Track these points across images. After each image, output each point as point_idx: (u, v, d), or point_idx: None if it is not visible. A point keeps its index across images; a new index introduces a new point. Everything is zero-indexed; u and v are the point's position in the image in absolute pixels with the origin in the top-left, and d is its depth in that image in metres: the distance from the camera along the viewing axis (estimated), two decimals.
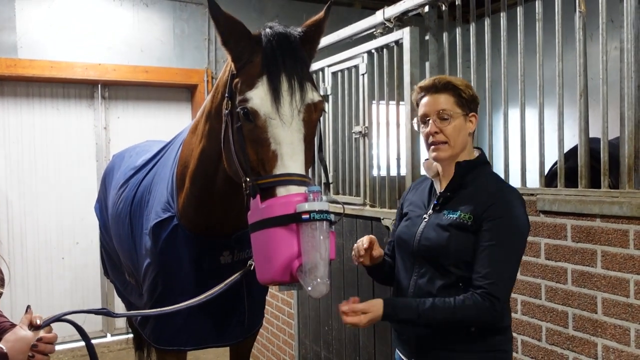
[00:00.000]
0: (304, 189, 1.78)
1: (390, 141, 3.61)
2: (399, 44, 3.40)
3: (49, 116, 5.89)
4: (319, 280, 1.66)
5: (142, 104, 6.33)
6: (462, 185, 2.06)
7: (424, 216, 2.11)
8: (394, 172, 3.58)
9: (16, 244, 5.74)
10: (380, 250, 2.19)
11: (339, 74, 4.06)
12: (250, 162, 1.92)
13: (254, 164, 1.91)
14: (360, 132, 3.77)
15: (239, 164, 1.97)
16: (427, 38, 3.33)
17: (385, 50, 3.56)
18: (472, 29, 3.11)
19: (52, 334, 1.73)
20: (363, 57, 3.73)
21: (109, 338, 6.08)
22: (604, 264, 2.32)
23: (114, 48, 5.89)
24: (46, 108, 5.88)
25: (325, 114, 3.93)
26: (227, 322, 2.68)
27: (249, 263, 2.16)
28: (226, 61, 2.14)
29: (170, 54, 6.14)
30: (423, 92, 2.13)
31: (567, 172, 2.66)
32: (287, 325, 4.76)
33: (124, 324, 5.83)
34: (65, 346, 5.57)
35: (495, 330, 2.04)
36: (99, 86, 6.06)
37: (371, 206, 3.68)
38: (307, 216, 1.69)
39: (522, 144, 2.84)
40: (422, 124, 2.12)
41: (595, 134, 2.71)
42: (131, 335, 4.97)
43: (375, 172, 3.75)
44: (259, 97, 1.89)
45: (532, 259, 2.64)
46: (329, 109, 4.16)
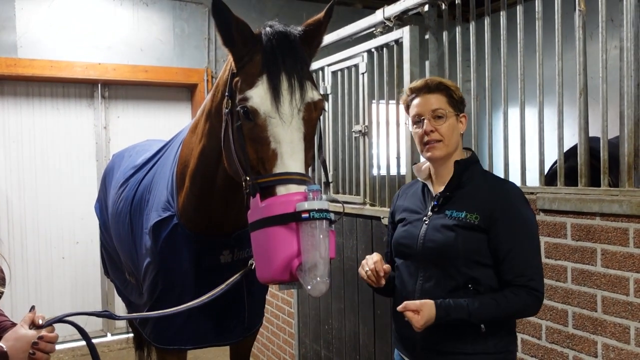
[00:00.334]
0: (303, 188, 1.78)
1: (390, 140, 3.61)
2: (398, 43, 3.40)
3: (49, 116, 5.89)
4: (318, 279, 1.66)
5: (142, 104, 6.32)
6: (459, 185, 2.07)
7: (424, 219, 2.10)
8: (393, 171, 3.58)
9: (16, 244, 5.74)
10: (387, 266, 2.13)
11: (339, 73, 4.06)
12: (250, 161, 1.92)
13: (254, 162, 1.92)
14: (360, 131, 3.77)
15: (239, 162, 1.97)
16: (427, 37, 3.33)
17: (385, 49, 3.56)
18: (472, 28, 3.11)
19: (53, 333, 1.74)
20: (363, 56, 3.73)
21: (109, 337, 6.09)
22: (603, 262, 2.32)
23: (113, 47, 5.88)
24: (46, 107, 5.88)
25: (325, 113, 3.93)
26: (227, 321, 2.68)
27: (250, 263, 2.16)
28: (226, 60, 2.14)
29: (170, 54, 6.14)
30: (414, 93, 2.14)
31: (567, 171, 2.66)
32: (287, 324, 4.76)
33: (124, 323, 5.84)
34: (66, 346, 5.57)
35: (506, 331, 2.06)
36: (99, 86, 6.06)
37: (371, 205, 3.68)
38: (306, 215, 1.69)
39: (522, 142, 2.84)
40: (414, 125, 2.13)
41: (595, 133, 2.71)
42: (131, 335, 4.98)
43: (375, 171, 3.76)
44: (259, 95, 1.89)
45: None
46: (328, 108, 4.16)
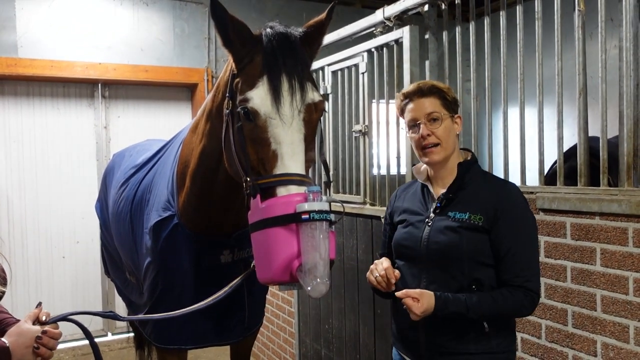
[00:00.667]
0: (304, 189, 1.78)
1: (390, 140, 3.61)
2: (398, 42, 3.40)
3: (50, 115, 5.89)
4: (318, 280, 1.66)
5: (143, 103, 6.33)
6: (461, 186, 2.08)
7: (427, 220, 2.10)
8: (394, 170, 3.58)
9: (17, 243, 5.74)
10: (398, 272, 2.13)
11: (339, 72, 4.06)
12: (250, 162, 1.92)
13: (255, 163, 1.92)
14: (360, 130, 3.78)
15: (240, 163, 1.97)
16: (427, 37, 3.33)
17: (385, 49, 3.57)
18: (472, 27, 3.12)
19: (57, 330, 1.76)
20: (363, 56, 3.73)
21: (109, 337, 6.09)
22: (603, 261, 2.32)
23: (114, 47, 5.89)
24: (46, 107, 5.89)
25: (325, 113, 3.94)
26: (228, 321, 2.68)
27: (252, 264, 2.16)
28: (226, 61, 2.14)
29: (170, 53, 6.15)
30: (407, 98, 2.14)
31: (567, 172, 2.67)
32: (288, 323, 4.77)
33: (124, 322, 5.84)
34: (66, 345, 5.58)
35: (508, 330, 2.08)
36: (99, 85, 6.06)
37: (371, 205, 3.68)
38: (306, 216, 1.70)
39: (521, 142, 2.84)
40: (410, 130, 2.14)
41: (594, 133, 2.72)
42: (132, 334, 4.98)
43: (375, 171, 3.76)
44: (259, 97, 1.90)
45: None
46: (329, 107, 4.16)
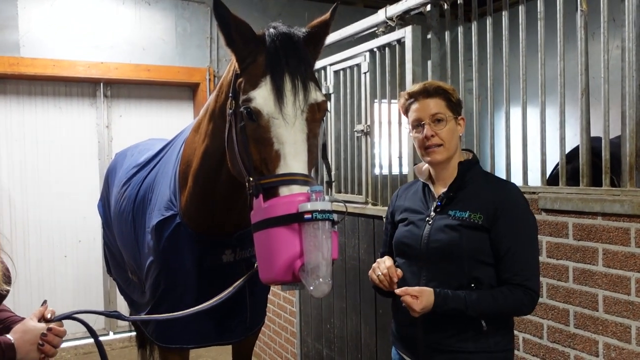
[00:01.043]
0: (306, 189, 1.78)
1: (392, 140, 3.61)
2: (401, 42, 3.40)
3: (52, 115, 5.90)
4: (320, 280, 1.67)
5: (144, 103, 6.34)
6: (461, 185, 2.08)
7: (427, 219, 2.11)
8: (395, 170, 3.59)
9: (19, 242, 5.76)
10: (400, 271, 2.13)
11: (341, 72, 4.06)
12: (253, 162, 1.92)
13: (257, 163, 1.92)
14: (362, 130, 3.78)
15: (242, 163, 1.97)
16: (429, 37, 3.33)
17: (387, 48, 3.57)
18: (474, 27, 3.12)
19: (62, 328, 1.77)
20: (365, 56, 3.73)
21: (111, 336, 6.10)
22: (605, 262, 2.32)
23: (116, 47, 5.89)
24: (48, 106, 5.90)
25: (327, 112, 3.94)
26: (230, 320, 2.69)
27: (255, 265, 2.16)
28: (229, 60, 2.14)
29: (172, 53, 6.15)
30: (412, 98, 2.15)
31: (570, 174, 2.67)
32: (289, 323, 4.77)
33: (127, 322, 5.84)
34: (69, 344, 5.59)
35: (506, 329, 2.08)
36: (101, 85, 6.07)
37: (373, 205, 3.68)
38: (309, 216, 1.69)
39: (523, 142, 2.84)
40: (414, 130, 2.14)
41: (596, 133, 2.71)
42: (134, 333, 4.99)
43: (377, 171, 3.76)
44: (262, 96, 1.90)
45: None
46: (331, 107, 4.16)
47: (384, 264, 2.10)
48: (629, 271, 2.22)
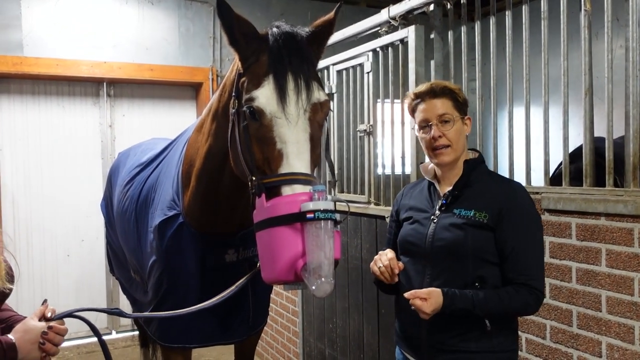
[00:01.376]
0: (309, 188, 1.78)
1: (395, 139, 3.61)
2: (404, 42, 3.40)
3: (55, 114, 5.91)
4: (323, 279, 1.66)
5: (148, 102, 6.34)
6: (466, 184, 2.08)
7: (432, 217, 2.11)
8: (398, 170, 3.59)
9: (22, 241, 5.77)
10: (401, 263, 2.15)
11: (344, 72, 4.06)
12: (256, 161, 1.92)
13: (260, 162, 1.92)
14: (365, 130, 3.78)
15: (245, 162, 1.97)
16: (432, 36, 3.33)
17: (390, 48, 3.56)
18: (478, 27, 3.11)
19: (62, 326, 1.77)
20: (368, 56, 3.73)
21: (114, 335, 6.10)
22: (608, 262, 2.31)
23: (119, 46, 5.90)
24: (52, 106, 5.91)
25: (330, 112, 3.95)
26: (232, 320, 2.69)
27: (258, 264, 2.16)
28: (232, 60, 2.14)
29: (175, 52, 6.15)
30: (419, 98, 2.14)
31: (574, 173, 2.66)
32: (292, 322, 4.77)
33: (129, 321, 5.85)
34: (71, 343, 5.59)
35: (510, 329, 2.08)
36: (105, 84, 6.07)
37: (376, 204, 3.68)
38: (311, 215, 1.69)
39: (527, 142, 2.84)
40: (421, 130, 2.14)
41: (600, 133, 2.71)
42: (136, 332, 4.99)
43: (379, 171, 3.76)
44: (265, 96, 1.89)
45: None
46: (333, 107, 4.16)
47: (385, 255, 2.10)
48: (633, 272, 2.22)
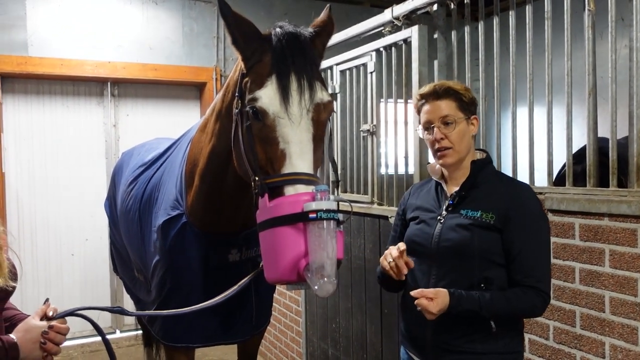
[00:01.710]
0: (311, 188, 1.79)
1: (398, 139, 3.61)
2: (407, 42, 3.39)
3: (59, 113, 5.93)
4: (325, 279, 1.66)
5: (151, 102, 6.36)
6: (474, 184, 2.07)
7: (439, 218, 2.11)
8: (401, 170, 3.58)
9: (27, 241, 5.79)
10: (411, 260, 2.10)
11: (347, 72, 4.06)
12: (259, 161, 1.93)
13: (263, 163, 1.92)
14: (368, 130, 3.78)
15: (248, 163, 1.98)
16: (436, 36, 3.32)
17: (393, 48, 3.56)
18: (481, 27, 3.11)
19: (64, 325, 1.78)
20: (371, 56, 3.73)
21: (118, 334, 6.12)
22: (612, 263, 2.31)
23: (123, 46, 5.91)
24: (56, 105, 5.92)
25: (333, 112, 3.95)
26: (235, 319, 2.69)
27: (261, 264, 2.16)
28: (236, 60, 2.15)
29: (179, 52, 6.16)
30: (423, 99, 2.14)
31: (576, 175, 2.65)
32: (295, 322, 4.77)
33: (133, 320, 5.87)
34: (75, 342, 5.61)
35: (516, 331, 2.07)
36: (109, 84, 6.09)
37: (379, 204, 3.68)
38: (314, 215, 1.70)
39: (530, 142, 2.83)
40: (425, 131, 2.14)
41: (604, 133, 2.70)
42: (140, 332, 5.01)
43: (383, 171, 3.76)
44: (267, 96, 1.90)
45: None
46: (337, 107, 4.16)
47: (396, 250, 2.02)
48: (636, 272, 2.21)
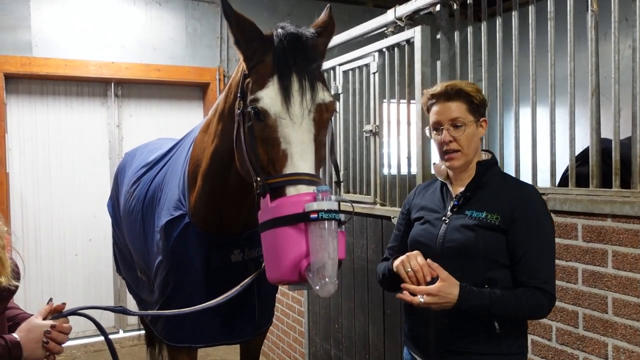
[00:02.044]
0: (313, 189, 1.78)
1: (401, 140, 3.61)
2: (410, 42, 3.39)
3: (63, 114, 5.95)
4: (327, 279, 1.66)
5: (155, 102, 6.37)
6: (479, 185, 2.07)
7: (444, 218, 2.10)
8: (404, 171, 3.58)
9: (30, 240, 5.81)
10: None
11: (350, 72, 4.06)
12: (260, 162, 1.93)
13: (265, 163, 1.92)
14: (371, 130, 3.77)
15: (250, 163, 1.98)
16: (439, 37, 3.32)
17: (396, 49, 3.56)
18: (484, 27, 3.10)
19: (66, 325, 1.79)
20: (374, 56, 3.73)
21: (121, 334, 6.13)
22: (614, 263, 2.30)
23: (126, 46, 5.93)
24: (60, 106, 5.94)
25: (335, 112, 3.95)
26: (238, 320, 2.69)
27: (263, 265, 2.17)
28: (239, 60, 2.15)
29: (182, 53, 6.18)
30: (434, 99, 2.12)
31: (579, 177, 2.65)
32: (297, 323, 4.77)
33: (136, 320, 5.88)
34: (78, 342, 5.63)
35: (519, 332, 2.06)
36: (112, 84, 6.10)
37: (381, 205, 3.68)
38: (315, 215, 1.70)
39: (533, 143, 2.83)
40: (434, 132, 2.13)
41: (607, 134, 2.69)
42: (143, 332, 5.02)
43: (385, 171, 3.76)
44: (269, 96, 1.90)
45: None
46: (339, 107, 4.16)
47: (415, 259, 1.95)
48: (639, 273, 2.21)
